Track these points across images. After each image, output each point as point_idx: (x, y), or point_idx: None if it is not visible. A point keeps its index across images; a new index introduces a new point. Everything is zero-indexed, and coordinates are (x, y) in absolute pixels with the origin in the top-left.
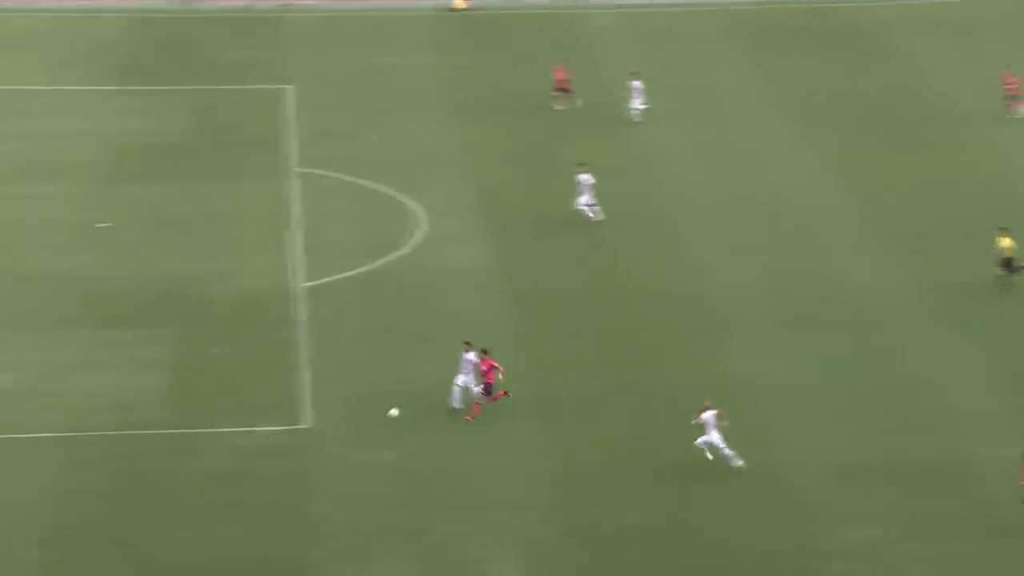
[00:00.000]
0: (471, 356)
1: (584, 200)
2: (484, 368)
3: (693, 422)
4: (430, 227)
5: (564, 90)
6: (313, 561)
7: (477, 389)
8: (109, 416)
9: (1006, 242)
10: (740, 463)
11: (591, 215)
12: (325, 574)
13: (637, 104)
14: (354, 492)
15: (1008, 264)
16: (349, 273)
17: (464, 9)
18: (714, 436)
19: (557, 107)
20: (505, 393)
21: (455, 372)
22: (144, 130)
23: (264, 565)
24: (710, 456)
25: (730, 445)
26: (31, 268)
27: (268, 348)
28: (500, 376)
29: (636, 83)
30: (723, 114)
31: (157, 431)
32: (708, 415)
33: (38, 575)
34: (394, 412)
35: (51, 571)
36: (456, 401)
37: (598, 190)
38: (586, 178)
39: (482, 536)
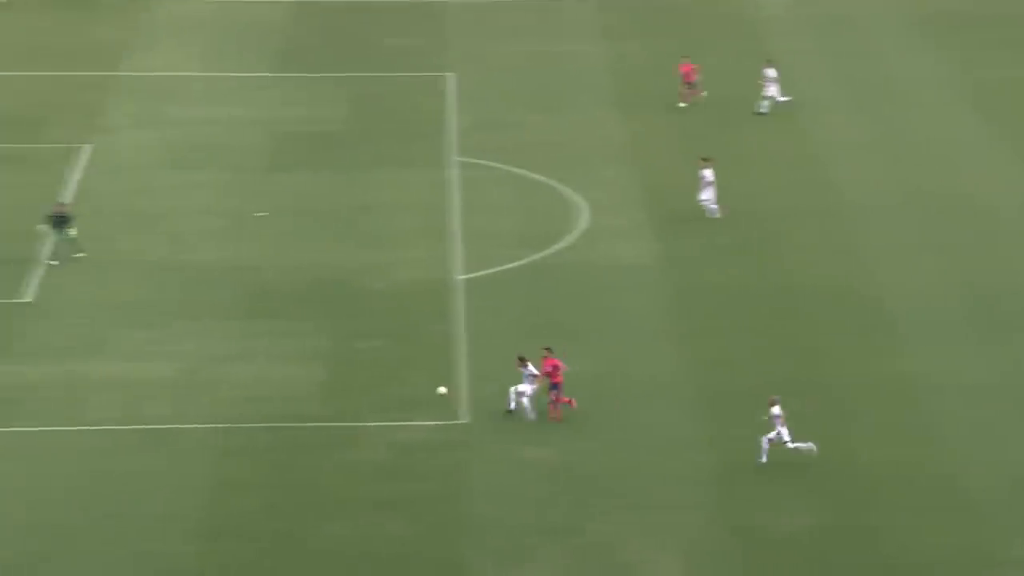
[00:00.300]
0: (530, 369)
1: (706, 196)
2: (548, 368)
3: (764, 417)
4: (592, 220)
5: (690, 84)
6: (469, 559)
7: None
8: (266, 408)
9: None
10: (813, 447)
11: (715, 207)
12: (481, 572)
13: (770, 93)
14: (511, 489)
15: None
16: (508, 266)
17: None
18: (783, 433)
19: (681, 103)
20: (570, 401)
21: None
22: (302, 118)
23: (419, 562)
24: (764, 459)
25: (899, 447)
26: (188, 257)
27: (425, 341)
28: (560, 373)
29: (770, 71)
30: (904, 105)
31: (313, 424)
32: (776, 410)
33: (194, 566)
34: (442, 390)
35: (207, 562)
36: (513, 404)
37: (759, 183)
38: (708, 174)
39: (641, 537)
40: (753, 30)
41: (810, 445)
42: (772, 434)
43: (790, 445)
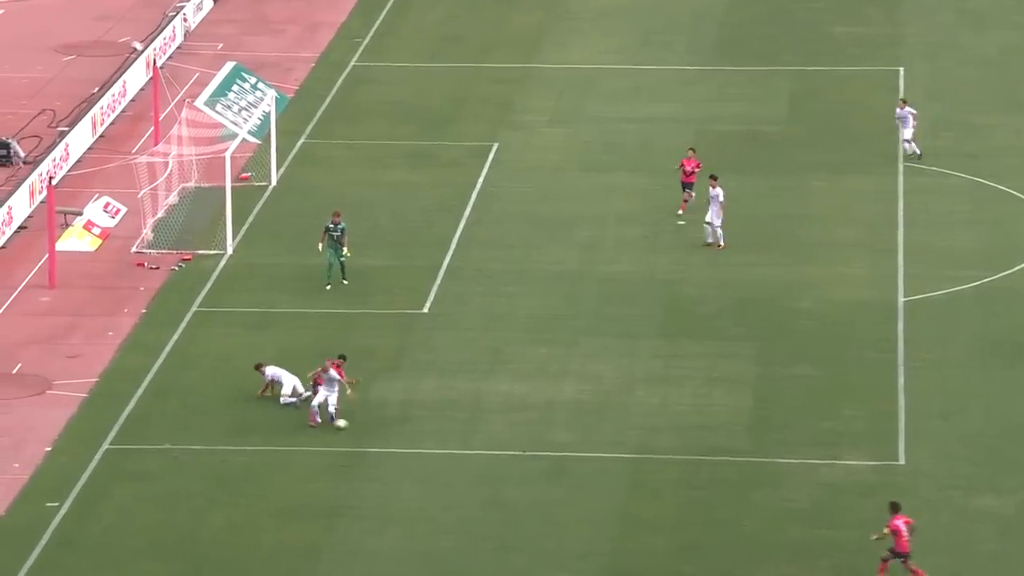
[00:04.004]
0: None
1: (709, 217)
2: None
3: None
4: None
5: (688, 185)
6: None
7: None
8: (681, 438)
9: None
10: None
11: (714, 230)
12: None
13: (907, 134)
14: (956, 544)
15: None
16: (959, 288)
17: None
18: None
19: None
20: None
21: None
22: (735, 116)
23: None
24: None
25: None
26: (599, 268)
27: (861, 370)
28: None
29: (900, 111)
30: None
31: (733, 458)
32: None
33: None
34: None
35: None
36: None
37: None
38: (718, 192)
39: None
40: None
41: None
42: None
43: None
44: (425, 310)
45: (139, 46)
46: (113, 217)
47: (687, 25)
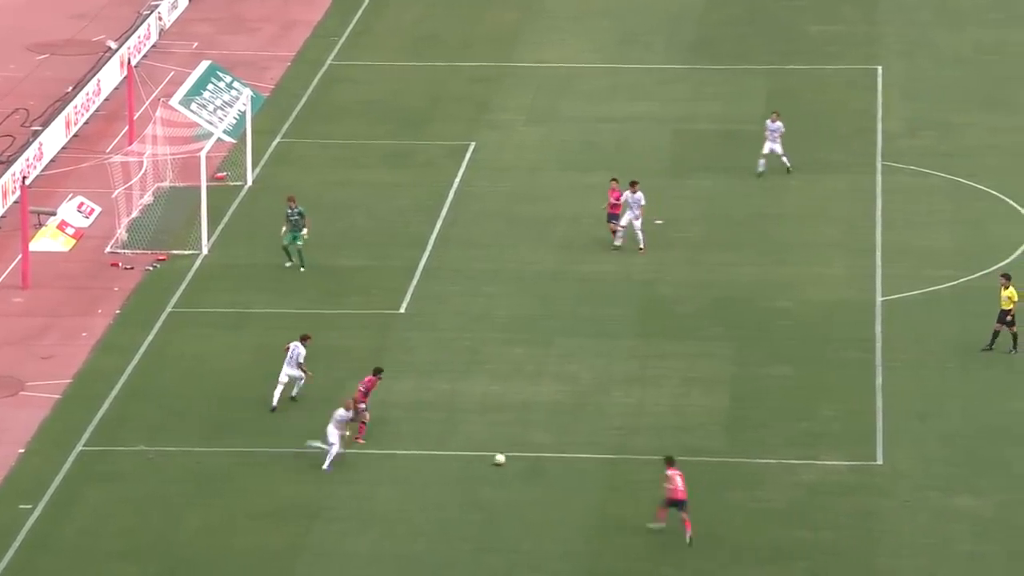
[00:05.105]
0: None
1: (625, 220)
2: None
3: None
4: None
5: (614, 216)
6: None
7: None
8: (658, 438)
9: None
10: None
11: (622, 232)
12: None
13: (769, 148)
14: (934, 544)
15: None
16: (936, 287)
17: None
18: None
19: (616, 243)
20: None
21: None
22: (712, 115)
23: None
24: None
25: None
26: (576, 268)
27: (838, 370)
28: None
29: (772, 124)
30: None
31: (709, 458)
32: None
33: None
34: (500, 459)
35: None
36: None
37: None
38: (632, 196)
39: None
40: None
41: None
42: None
43: None
44: (402, 310)
45: (113, 45)
46: (87, 217)
47: (664, 24)
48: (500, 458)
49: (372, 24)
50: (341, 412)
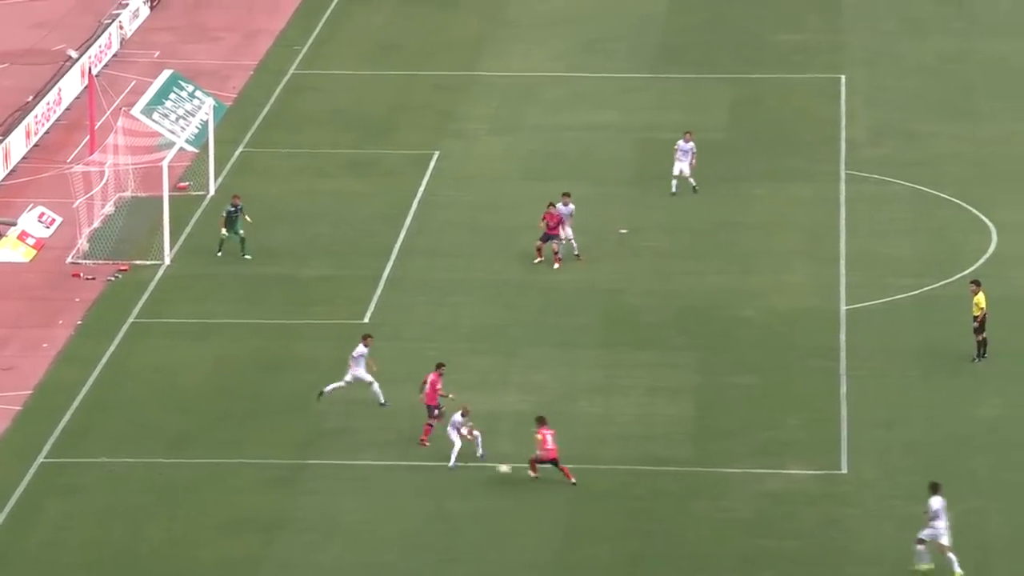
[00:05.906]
0: None
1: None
2: None
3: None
4: (1000, 246)
5: (550, 236)
6: None
7: None
8: (624, 447)
9: None
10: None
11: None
12: None
13: (679, 169)
14: (896, 553)
15: None
16: (901, 296)
17: None
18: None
19: (538, 260)
20: None
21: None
22: (676, 124)
23: None
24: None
25: None
26: (541, 277)
27: (803, 379)
28: None
29: (684, 144)
30: None
31: (674, 468)
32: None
33: None
34: (505, 468)
35: None
36: None
37: None
38: (565, 208)
39: None
40: None
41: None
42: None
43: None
44: (366, 320)
45: (74, 54)
46: (48, 227)
47: (628, 33)
48: (504, 468)
49: (335, 33)
50: (456, 417)
